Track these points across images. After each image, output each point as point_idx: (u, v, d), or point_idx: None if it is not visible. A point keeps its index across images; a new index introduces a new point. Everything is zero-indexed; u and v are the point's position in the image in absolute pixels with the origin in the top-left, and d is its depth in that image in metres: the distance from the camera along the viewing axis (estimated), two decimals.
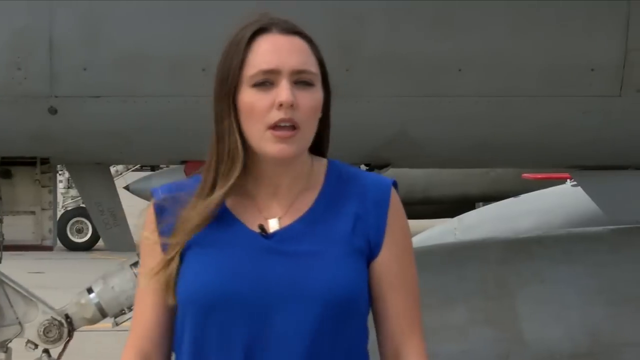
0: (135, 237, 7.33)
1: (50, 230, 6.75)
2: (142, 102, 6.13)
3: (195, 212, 2.67)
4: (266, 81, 2.63)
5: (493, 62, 6.38)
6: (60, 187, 7.51)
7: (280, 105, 2.57)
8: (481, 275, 7.24)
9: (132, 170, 24.10)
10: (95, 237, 17.98)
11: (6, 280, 6.65)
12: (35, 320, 6.57)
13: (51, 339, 6.53)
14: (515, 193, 10.66)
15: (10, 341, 6.57)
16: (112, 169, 7.94)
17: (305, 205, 2.76)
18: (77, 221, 20.96)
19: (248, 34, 2.67)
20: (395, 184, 2.81)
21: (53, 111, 5.88)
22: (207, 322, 2.72)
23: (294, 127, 2.60)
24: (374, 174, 3.07)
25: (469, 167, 11.29)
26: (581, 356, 7.13)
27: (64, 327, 6.56)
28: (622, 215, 8.12)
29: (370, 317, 3.90)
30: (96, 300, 6.60)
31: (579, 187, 8.69)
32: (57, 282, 7.06)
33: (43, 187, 6.62)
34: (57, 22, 5.93)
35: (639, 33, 6.36)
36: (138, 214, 6.53)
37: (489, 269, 7.33)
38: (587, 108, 6.56)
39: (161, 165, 20.62)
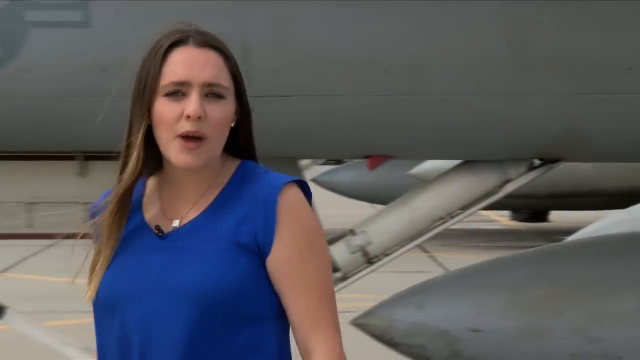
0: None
1: None
2: (327, 101, 6.32)
3: (102, 217, 2.83)
4: (178, 92, 2.73)
5: None
6: None
7: (188, 117, 2.67)
8: None
9: (319, 164, 24.53)
10: None
11: None
12: None
13: None
14: None
15: None
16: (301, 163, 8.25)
17: (206, 204, 2.84)
18: None
19: (165, 44, 2.75)
20: (300, 183, 2.75)
21: None
22: (101, 323, 2.85)
23: (200, 138, 2.71)
24: (278, 175, 2.92)
25: (637, 162, 10.52)
26: None
27: None
28: None
29: None
30: None
31: None
32: None
33: None
34: (250, 28, 6.18)
35: None
36: (324, 203, 6.61)
37: None
38: None
39: (345, 160, 21.26)
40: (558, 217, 22.31)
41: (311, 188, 6.34)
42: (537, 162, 6.73)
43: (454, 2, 6.25)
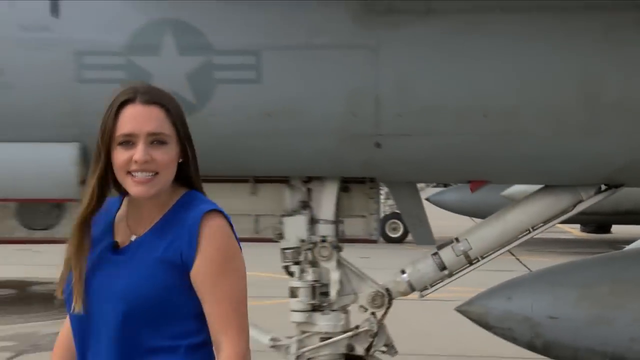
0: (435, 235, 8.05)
1: (375, 229, 7.85)
2: (439, 138, 6.93)
3: (69, 241, 3.50)
4: (128, 141, 3.33)
5: None
6: (382, 197, 8.54)
7: (136, 161, 3.30)
8: None
9: (432, 187, 27.64)
10: (405, 233, 22.12)
11: (345, 263, 7.55)
12: (365, 292, 7.44)
13: (377, 305, 7.36)
14: None
15: (349, 306, 7.53)
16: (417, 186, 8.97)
17: (153, 224, 3.51)
18: (393, 222, 25.39)
19: (117, 103, 3.38)
20: (221, 213, 3.47)
21: (377, 145, 6.84)
22: (72, 321, 3.53)
23: (156, 173, 3.35)
24: (206, 205, 3.53)
25: None
26: None
27: (385, 297, 7.39)
28: None
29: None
30: (407, 279, 7.39)
31: None
32: (379, 265, 8.10)
33: (370, 198, 7.69)
34: (381, 82, 6.77)
35: None
36: (435, 217, 7.69)
37: None
38: None
39: (452, 184, 22.51)
40: (619, 230, 23.74)
41: (424, 205, 7.30)
42: (603, 187, 7.34)
43: (538, 59, 6.75)
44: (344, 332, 7.38)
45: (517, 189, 9.20)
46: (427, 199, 21.61)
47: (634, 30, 6.70)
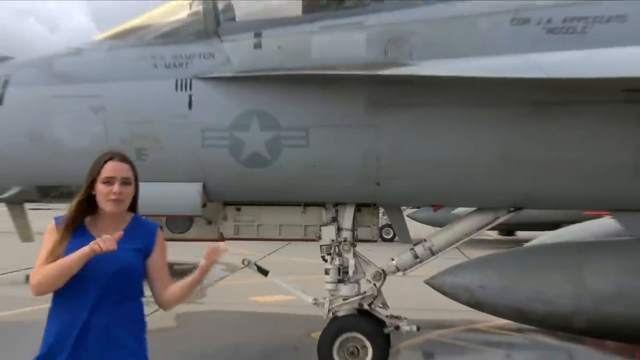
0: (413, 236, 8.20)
1: (375, 233, 8.40)
2: (415, 180, 7.32)
3: (58, 232, 3.90)
4: (109, 181, 3.89)
5: None
6: (380, 214, 8.53)
7: (114, 193, 3.87)
8: None
9: (410, 208, 25.31)
10: (394, 236, 19.24)
11: (358, 254, 7.97)
12: (369, 271, 7.98)
13: (376, 279, 7.90)
14: None
15: (359, 280, 7.97)
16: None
17: (121, 231, 3.89)
18: (387, 229, 23.22)
19: (103, 159, 3.96)
20: (160, 227, 4.19)
21: (378, 184, 7.31)
22: (67, 285, 3.77)
23: (121, 200, 3.92)
24: (154, 223, 4.24)
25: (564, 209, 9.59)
26: None
27: (382, 274, 7.94)
28: None
29: None
30: (395, 264, 7.97)
31: None
32: (378, 255, 8.27)
33: (373, 215, 8.30)
34: (380, 147, 7.16)
35: None
36: (413, 227, 8.37)
37: None
38: None
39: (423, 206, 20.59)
40: (520, 234, 25.52)
41: (405, 219, 8.03)
42: (512, 209, 7.77)
43: (475, 133, 7.02)
44: (357, 295, 7.90)
45: (461, 210, 9.81)
46: (408, 216, 22.05)
47: (525, 119, 6.87)
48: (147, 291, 4.06)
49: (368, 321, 7.89)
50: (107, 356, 3.73)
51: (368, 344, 7.67)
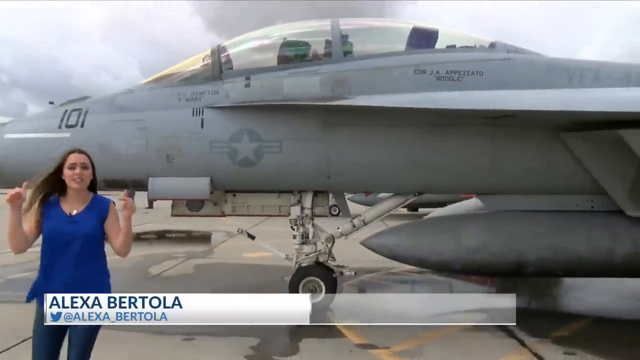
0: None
1: (327, 211, 8.23)
2: (352, 176, 7.34)
3: (29, 202, 3.62)
4: (72, 167, 3.68)
5: None
6: (330, 198, 8.51)
7: (76, 174, 3.65)
8: None
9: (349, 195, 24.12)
10: (339, 213, 11.12)
11: (315, 225, 7.97)
12: (323, 236, 7.97)
13: (328, 242, 7.92)
14: None
15: (316, 242, 7.96)
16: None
17: (83, 206, 3.73)
18: (334, 207, 17.24)
19: (67, 152, 3.74)
20: (112, 202, 3.80)
21: (328, 177, 7.29)
22: (48, 244, 3.62)
23: (82, 180, 3.69)
24: (106, 198, 3.84)
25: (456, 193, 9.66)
26: None
27: (332, 238, 7.95)
28: None
29: None
30: (340, 231, 7.98)
31: None
32: (329, 226, 7.89)
33: (325, 199, 8.08)
34: (330, 153, 7.17)
35: None
36: (351, 206, 8.26)
37: None
38: None
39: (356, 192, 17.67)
40: (421, 210, 23.02)
41: (347, 202, 8.07)
42: (416, 194, 7.84)
43: (395, 143, 7.03)
44: (315, 252, 7.94)
45: (383, 194, 9.77)
46: (348, 199, 19.85)
47: (423, 135, 7.00)
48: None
49: (322, 269, 7.93)
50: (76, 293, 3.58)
51: (322, 284, 7.75)
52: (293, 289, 7.66)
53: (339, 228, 8.07)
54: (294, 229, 7.97)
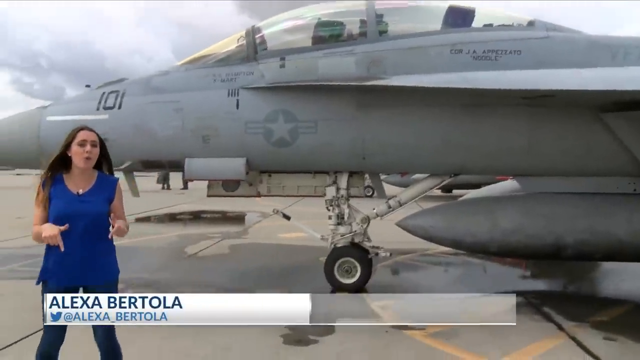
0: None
1: (362, 192, 8.14)
2: (388, 156, 7.29)
3: (40, 183, 3.57)
4: (82, 144, 3.60)
5: None
6: (365, 179, 8.52)
7: (86, 152, 3.57)
8: None
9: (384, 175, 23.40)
10: (374, 193, 11.04)
11: (351, 205, 7.94)
12: (358, 217, 7.95)
13: (364, 222, 7.90)
14: None
15: (352, 222, 7.94)
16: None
17: (90, 186, 3.66)
18: (368, 188, 16.32)
19: (76, 130, 3.65)
20: (118, 180, 3.73)
21: (363, 158, 7.26)
22: (56, 224, 3.43)
23: (90, 158, 3.60)
24: (113, 176, 3.81)
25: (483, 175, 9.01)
26: None
27: (367, 219, 7.93)
28: None
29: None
30: (375, 212, 7.97)
31: None
32: (364, 207, 7.95)
33: (360, 179, 8.02)
34: (365, 132, 7.15)
35: None
36: (387, 188, 8.23)
37: None
38: None
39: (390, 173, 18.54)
40: (456, 191, 23.16)
41: (384, 184, 7.89)
42: (452, 175, 7.75)
43: (428, 124, 6.98)
44: (350, 233, 7.95)
45: (418, 175, 9.69)
46: (382, 180, 21.30)
47: (458, 116, 6.96)
48: None
49: (358, 250, 7.92)
50: (86, 275, 3.55)
51: (358, 264, 7.76)
52: (328, 269, 7.73)
53: (374, 209, 8.02)
54: (329, 210, 7.95)
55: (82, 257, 3.46)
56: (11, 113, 7.64)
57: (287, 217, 8.44)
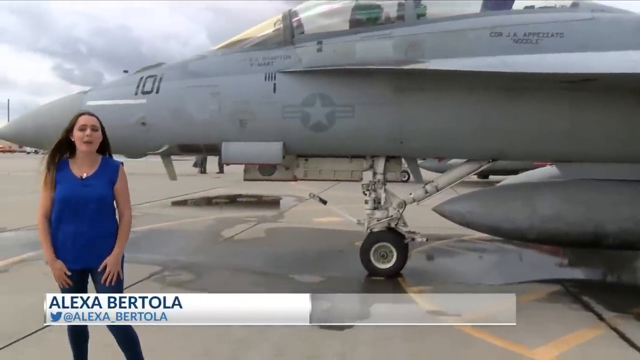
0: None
1: (399, 176, 8.12)
2: (425, 141, 7.23)
3: (45, 167, 3.62)
4: (83, 128, 3.66)
5: None
6: (403, 163, 8.44)
7: (87, 136, 3.63)
8: None
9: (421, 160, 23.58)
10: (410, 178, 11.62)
11: (387, 189, 7.92)
12: (395, 202, 7.93)
13: (400, 207, 7.88)
14: None
15: (388, 207, 7.92)
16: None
17: (94, 170, 3.69)
18: (404, 173, 19.10)
19: (78, 115, 3.71)
20: (122, 164, 3.75)
21: (401, 142, 7.22)
22: (61, 208, 3.59)
23: (92, 142, 3.66)
24: (118, 160, 3.83)
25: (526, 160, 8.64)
26: None
27: (403, 204, 7.92)
28: None
29: None
30: (412, 196, 7.97)
31: None
32: (401, 191, 8.03)
33: (397, 164, 7.99)
34: (403, 117, 7.10)
35: None
36: (423, 173, 8.09)
37: None
38: None
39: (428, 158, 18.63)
40: (492, 177, 22.74)
41: (420, 169, 7.89)
42: (490, 160, 7.66)
43: (464, 109, 6.89)
44: (386, 218, 7.92)
45: (455, 160, 9.69)
46: (419, 165, 21.20)
47: (498, 100, 6.87)
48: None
49: (394, 235, 7.94)
50: (90, 253, 3.60)
51: (394, 249, 7.78)
52: (364, 254, 7.77)
53: (411, 194, 8.03)
54: (365, 194, 7.95)
55: (87, 239, 3.53)
56: (54, 99, 7.78)
57: (324, 202, 8.49)
